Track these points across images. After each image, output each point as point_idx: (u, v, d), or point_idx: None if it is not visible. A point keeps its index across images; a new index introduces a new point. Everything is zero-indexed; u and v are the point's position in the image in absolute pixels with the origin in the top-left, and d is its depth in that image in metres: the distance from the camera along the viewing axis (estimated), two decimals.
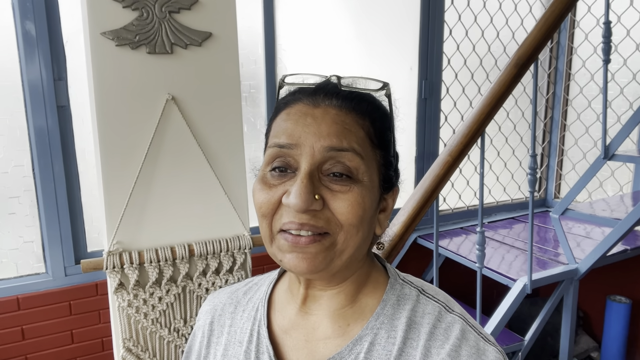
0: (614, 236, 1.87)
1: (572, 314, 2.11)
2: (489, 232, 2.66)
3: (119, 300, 1.12)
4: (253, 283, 0.70)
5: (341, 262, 0.54)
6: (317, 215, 0.52)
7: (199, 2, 1.11)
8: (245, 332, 0.63)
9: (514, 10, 2.70)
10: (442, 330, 0.56)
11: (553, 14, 1.75)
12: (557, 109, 2.92)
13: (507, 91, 1.73)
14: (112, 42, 1.06)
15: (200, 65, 1.14)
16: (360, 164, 0.53)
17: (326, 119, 0.53)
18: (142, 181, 1.12)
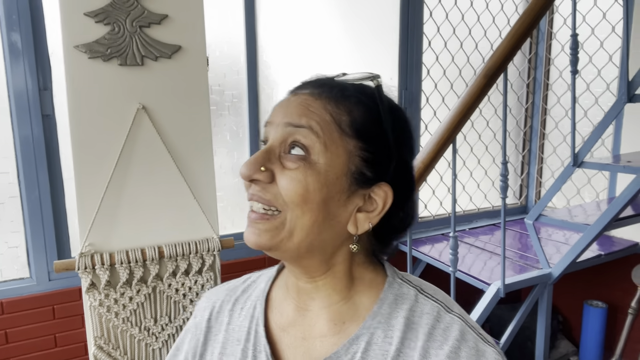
0: (583, 241, 1.93)
1: (546, 318, 2.16)
2: (470, 238, 2.72)
3: (90, 300, 1.18)
4: (251, 280, 0.70)
5: (292, 244, 0.54)
6: (266, 189, 0.54)
7: (169, 17, 1.18)
8: (242, 330, 0.64)
9: (492, 22, 2.78)
10: (440, 331, 0.56)
11: (521, 27, 1.82)
12: (536, 118, 2.99)
13: (477, 100, 1.79)
14: (85, 54, 1.12)
15: (170, 76, 1.20)
16: (315, 142, 0.53)
17: (295, 102, 0.55)
18: (113, 186, 1.18)
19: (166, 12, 1.19)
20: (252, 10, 2.16)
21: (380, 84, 0.56)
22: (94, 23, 1.12)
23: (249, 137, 2.25)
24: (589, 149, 1.93)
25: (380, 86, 0.56)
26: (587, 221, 2.00)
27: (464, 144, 2.82)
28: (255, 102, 2.25)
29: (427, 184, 2.75)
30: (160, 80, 1.20)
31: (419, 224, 2.77)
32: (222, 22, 2.16)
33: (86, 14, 1.11)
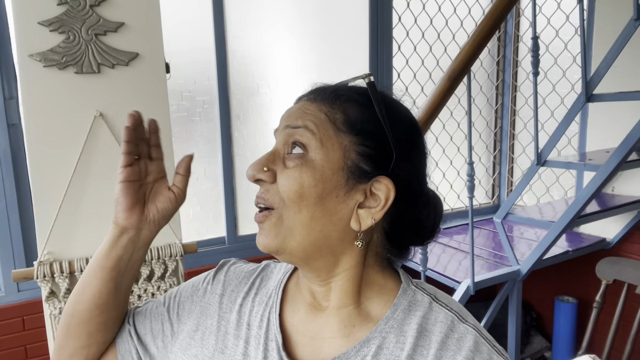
0: (549, 238, 1.98)
1: (517, 314, 2.20)
2: (445, 238, 2.76)
3: (50, 308, 1.17)
4: (269, 269, 0.71)
5: (296, 243, 0.55)
6: (269, 189, 0.57)
7: (125, 24, 1.19)
8: (256, 316, 0.64)
9: (460, 26, 2.84)
10: (454, 341, 0.55)
11: (483, 30, 1.86)
12: (505, 119, 3.06)
13: (441, 103, 1.83)
14: (40, 63, 1.12)
15: (127, 83, 1.21)
16: (311, 139, 0.55)
17: (294, 108, 0.59)
18: (71, 194, 1.18)
19: (122, 20, 1.20)
20: (221, 17, 2.18)
21: (372, 81, 0.58)
22: (49, 32, 1.12)
23: (221, 142, 2.26)
24: (551, 148, 1.99)
25: (372, 83, 0.58)
26: (555, 218, 2.06)
27: (435, 145, 2.87)
28: (227, 108, 2.26)
29: None
30: (118, 87, 1.21)
31: None
32: (191, 28, 2.17)
33: (40, 23, 1.12)
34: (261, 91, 2.35)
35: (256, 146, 2.36)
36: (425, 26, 2.72)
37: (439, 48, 2.78)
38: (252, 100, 2.33)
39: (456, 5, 2.81)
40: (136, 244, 0.65)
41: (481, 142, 3.08)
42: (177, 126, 2.18)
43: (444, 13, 2.77)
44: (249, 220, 2.38)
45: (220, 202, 2.32)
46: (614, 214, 2.23)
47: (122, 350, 0.69)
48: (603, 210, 2.17)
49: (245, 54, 2.28)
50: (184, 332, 0.66)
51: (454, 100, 2.82)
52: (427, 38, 2.73)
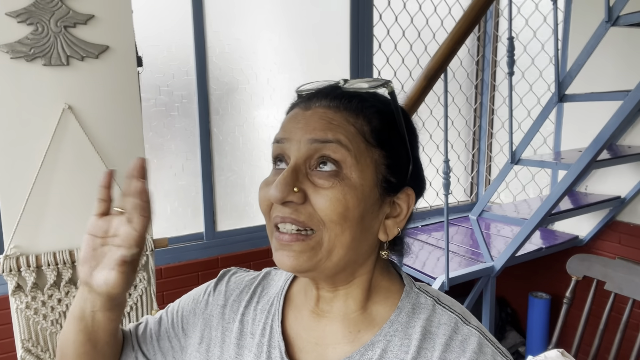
0: (521, 235, 2.02)
1: (491, 310, 2.24)
2: (423, 235, 2.79)
3: (17, 303, 1.16)
4: (271, 276, 0.70)
5: (332, 263, 0.54)
6: (299, 210, 0.52)
7: (95, 17, 1.18)
8: (258, 324, 0.63)
9: (441, 25, 2.86)
10: (458, 342, 0.55)
11: (460, 30, 1.88)
12: (484, 118, 3.10)
13: (418, 101, 1.85)
14: (7, 54, 1.11)
15: (97, 76, 1.20)
16: (346, 157, 0.52)
17: (314, 117, 0.54)
18: (39, 187, 1.17)
19: (92, 12, 1.19)
20: (200, 12, 2.16)
21: (393, 90, 0.56)
22: (17, 23, 1.11)
23: (200, 137, 2.25)
24: (525, 147, 2.02)
25: (393, 92, 0.57)
26: (529, 216, 2.09)
27: None
28: (206, 103, 2.25)
29: None
30: (88, 80, 1.19)
31: None
32: (170, 23, 2.15)
33: (8, 14, 1.10)
34: (241, 87, 2.34)
35: (235, 141, 2.35)
36: (406, 25, 2.74)
37: (420, 47, 2.81)
38: (231, 96, 2.33)
39: (437, 5, 2.83)
40: (95, 303, 0.58)
41: (460, 140, 3.12)
42: (155, 120, 2.16)
43: (425, 12, 2.79)
44: (228, 215, 2.37)
45: (198, 198, 2.32)
46: (587, 212, 2.28)
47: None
48: (576, 208, 2.22)
49: (224, 49, 2.27)
50: (191, 345, 0.66)
51: (433, 99, 2.85)
52: (408, 36, 2.75)
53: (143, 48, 1.67)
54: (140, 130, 1.28)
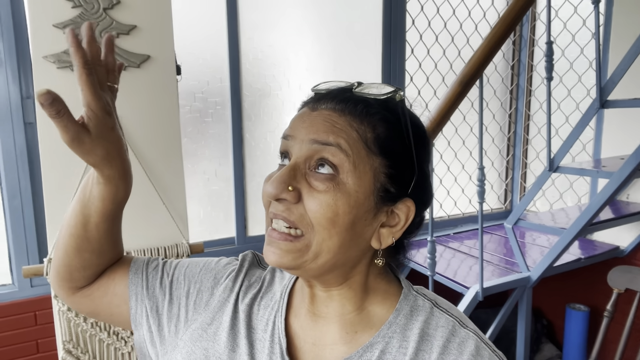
0: (560, 245, 1.96)
1: (526, 321, 2.18)
2: (455, 243, 2.74)
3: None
4: (276, 274, 0.70)
5: (316, 265, 0.54)
6: (291, 209, 0.53)
7: (137, 27, 1.21)
8: (261, 319, 0.63)
9: (475, 30, 2.82)
10: (455, 345, 0.56)
11: (496, 34, 1.85)
12: (519, 123, 3.03)
13: (452, 107, 1.82)
14: (54, 64, 1.15)
15: (138, 85, 1.23)
16: (344, 162, 0.52)
17: (318, 118, 0.54)
18: None
19: (135, 23, 1.22)
20: (234, 19, 2.20)
21: (403, 99, 0.56)
22: (63, 34, 1.15)
23: (232, 143, 2.28)
24: (564, 154, 1.96)
25: (403, 101, 0.56)
26: (568, 225, 2.03)
27: (447, 149, 2.85)
28: (239, 109, 2.27)
29: None
30: (130, 88, 1.23)
31: None
32: (205, 31, 2.19)
33: (55, 25, 1.14)
34: (273, 93, 2.37)
35: (267, 147, 2.37)
36: (439, 30, 2.70)
37: (453, 52, 2.77)
38: (263, 102, 2.35)
39: (471, 9, 2.79)
40: (93, 177, 0.61)
41: (494, 146, 3.06)
42: (189, 127, 2.20)
43: (458, 17, 2.76)
44: (259, 220, 2.39)
45: (230, 203, 2.34)
46: (628, 222, 2.19)
47: (136, 321, 0.68)
48: (617, 218, 2.14)
49: (257, 56, 2.30)
50: (197, 321, 0.65)
51: (467, 104, 2.80)
52: (441, 41, 2.72)
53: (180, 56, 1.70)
54: (179, 137, 1.31)
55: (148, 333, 0.68)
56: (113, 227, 0.66)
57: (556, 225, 2.12)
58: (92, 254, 0.66)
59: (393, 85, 0.56)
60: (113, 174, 0.59)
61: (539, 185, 2.00)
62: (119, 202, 0.63)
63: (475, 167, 2.96)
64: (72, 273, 0.67)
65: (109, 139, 0.58)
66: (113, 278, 0.70)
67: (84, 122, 0.56)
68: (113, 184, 0.60)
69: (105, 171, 0.59)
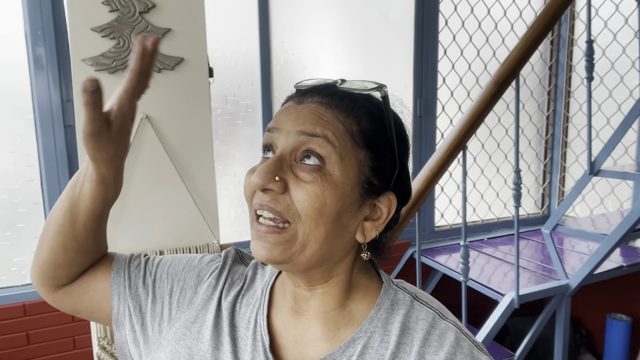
0: (601, 252, 1.88)
1: (564, 330, 2.10)
2: (489, 248, 2.67)
3: None
4: (258, 270, 0.69)
5: (305, 257, 0.54)
6: (277, 199, 0.53)
7: (172, 30, 1.23)
8: (243, 317, 0.64)
9: (511, 30, 2.75)
10: (436, 337, 0.56)
11: (533, 34, 1.79)
12: (557, 125, 2.93)
13: (487, 108, 1.78)
14: (92, 67, 1.18)
15: (172, 87, 1.25)
16: (331, 153, 0.53)
17: (305, 111, 0.55)
18: None
19: (169, 26, 1.24)
20: (266, 23, 2.21)
21: (387, 94, 0.57)
22: (100, 37, 1.18)
23: None
24: (605, 157, 1.89)
25: (387, 97, 0.57)
26: (609, 231, 1.95)
27: (482, 152, 2.79)
28: (269, 112, 2.29)
29: (443, 193, 2.73)
30: (163, 90, 1.25)
31: (435, 233, 2.75)
32: (237, 35, 2.22)
33: (93, 29, 1.17)
34: None
35: None
36: (473, 30, 2.65)
37: (487, 52, 2.71)
38: None
39: (506, 8, 2.73)
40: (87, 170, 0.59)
41: (531, 149, 2.97)
42: (221, 129, 2.23)
43: (494, 16, 2.70)
44: None
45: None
46: None
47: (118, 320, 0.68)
48: None
49: (288, 59, 2.31)
50: (180, 320, 0.65)
51: (502, 105, 2.73)
52: (475, 42, 2.67)
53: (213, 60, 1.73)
54: (210, 139, 1.32)
55: (131, 332, 0.68)
56: (100, 227, 0.66)
57: (597, 232, 2.04)
58: (77, 253, 0.66)
59: (377, 82, 0.57)
60: (108, 174, 0.59)
61: (579, 190, 1.92)
62: (108, 203, 0.63)
63: (510, 170, 2.88)
64: (56, 271, 0.67)
65: (122, 142, 0.57)
66: (95, 275, 0.69)
67: (109, 118, 0.55)
68: (105, 183, 0.60)
69: (102, 169, 0.58)
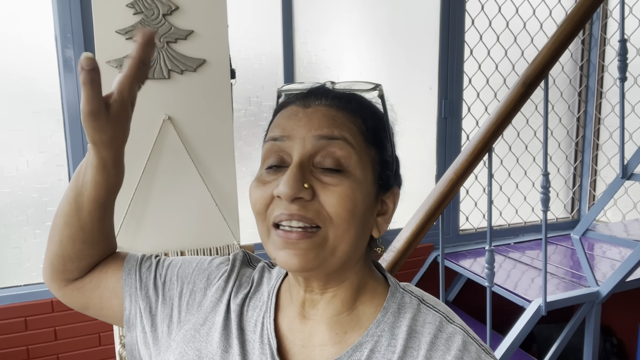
0: (634, 258, 1.81)
1: (594, 339, 2.03)
2: (516, 253, 2.61)
3: None
4: (265, 273, 0.69)
5: (335, 260, 0.54)
6: (307, 207, 0.52)
7: (194, 32, 1.24)
8: (250, 320, 0.63)
9: (540, 29, 2.68)
10: (443, 341, 0.55)
11: (563, 33, 1.74)
12: (589, 127, 2.84)
13: (514, 109, 1.73)
14: (116, 69, 1.20)
15: (194, 88, 1.26)
16: (351, 154, 0.53)
17: (317, 114, 0.54)
18: (140, 193, 1.24)
19: (192, 28, 1.25)
20: (290, 25, 2.22)
21: (383, 93, 0.59)
22: (125, 40, 1.20)
23: None
24: (639, 161, 1.81)
25: (383, 95, 0.59)
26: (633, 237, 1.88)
27: (509, 154, 2.72)
28: None
29: (468, 196, 2.68)
30: (185, 92, 1.26)
31: (460, 236, 2.70)
32: (261, 36, 2.22)
33: (117, 32, 1.19)
34: None
35: None
36: (501, 29, 2.59)
37: (516, 52, 2.65)
38: None
39: (535, 7, 2.66)
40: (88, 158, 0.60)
41: (560, 152, 2.89)
42: (244, 130, 2.24)
43: (522, 15, 2.63)
44: None
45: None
46: None
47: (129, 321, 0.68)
48: None
49: (312, 60, 2.30)
50: (190, 322, 0.65)
51: (530, 107, 2.67)
52: (503, 42, 2.61)
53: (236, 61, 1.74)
54: (231, 140, 1.32)
55: (142, 334, 0.68)
56: (105, 215, 0.67)
57: (629, 237, 1.97)
58: (85, 244, 0.66)
59: (369, 81, 0.59)
60: (108, 157, 0.60)
61: (611, 194, 1.86)
62: (110, 189, 0.63)
63: (538, 173, 2.81)
64: (66, 264, 0.68)
65: (121, 126, 0.59)
66: (105, 271, 0.70)
67: (108, 101, 0.57)
68: (106, 169, 0.61)
69: (102, 152, 0.59)
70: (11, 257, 1.99)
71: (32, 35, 1.91)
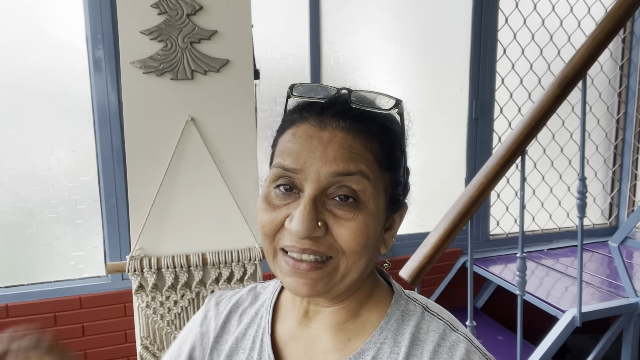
0: None
1: (632, 352, 1.93)
2: (549, 260, 2.51)
3: (138, 301, 1.24)
4: (257, 291, 0.70)
5: (344, 285, 0.54)
6: (319, 241, 0.51)
7: (218, 32, 1.23)
8: (249, 338, 0.63)
9: (578, 27, 2.57)
10: (446, 349, 0.55)
11: (602, 31, 1.66)
12: (629, 130, 2.71)
13: (549, 111, 1.66)
14: (140, 70, 1.20)
15: (217, 89, 1.25)
16: (367, 187, 0.51)
17: (333, 144, 0.51)
18: (162, 194, 1.25)
19: (215, 28, 1.24)
20: (317, 25, 2.19)
21: (403, 112, 0.56)
22: (149, 40, 1.20)
23: None
24: None
25: (403, 114, 0.56)
26: None
27: (543, 157, 2.62)
28: None
29: (500, 199, 2.59)
30: (209, 93, 1.25)
31: (490, 241, 2.61)
32: (287, 36, 2.21)
33: (142, 32, 1.19)
34: None
35: None
36: (536, 27, 2.50)
37: (552, 51, 2.55)
38: None
39: (573, 5, 2.55)
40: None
41: (598, 155, 2.77)
42: (269, 131, 2.22)
43: (559, 13, 2.53)
44: None
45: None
46: None
47: None
48: None
49: (339, 60, 2.27)
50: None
51: (566, 108, 2.57)
52: (538, 40, 2.51)
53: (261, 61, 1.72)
54: (254, 141, 1.31)
55: None
56: None
57: None
58: None
59: (391, 95, 0.54)
60: None
61: None
62: None
63: (574, 177, 2.69)
64: None
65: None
66: None
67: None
68: None
69: None
70: (42, 254, 2.04)
71: (66, 34, 1.95)
